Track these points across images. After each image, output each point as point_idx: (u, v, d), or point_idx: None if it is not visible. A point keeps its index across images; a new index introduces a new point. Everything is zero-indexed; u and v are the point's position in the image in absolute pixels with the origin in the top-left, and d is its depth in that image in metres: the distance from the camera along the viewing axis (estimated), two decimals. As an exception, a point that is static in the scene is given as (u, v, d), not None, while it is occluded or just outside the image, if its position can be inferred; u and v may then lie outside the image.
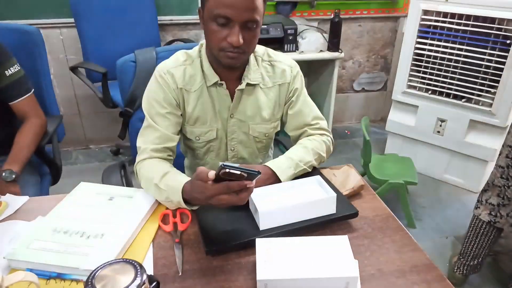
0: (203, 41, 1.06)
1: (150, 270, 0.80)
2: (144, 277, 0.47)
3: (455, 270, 1.75)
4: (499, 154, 1.55)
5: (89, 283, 0.45)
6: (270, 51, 1.12)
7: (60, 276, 0.77)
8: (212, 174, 0.76)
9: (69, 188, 1.02)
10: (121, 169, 1.37)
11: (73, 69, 2.17)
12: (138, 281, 0.46)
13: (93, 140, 2.84)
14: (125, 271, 0.47)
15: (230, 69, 1.01)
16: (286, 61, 1.12)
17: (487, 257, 1.72)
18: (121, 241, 0.83)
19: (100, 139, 2.84)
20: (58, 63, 2.53)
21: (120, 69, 1.37)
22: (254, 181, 0.78)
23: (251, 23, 0.90)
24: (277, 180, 0.98)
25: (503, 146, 1.52)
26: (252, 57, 1.07)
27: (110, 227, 0.87)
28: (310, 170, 1.06)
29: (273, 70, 1.10)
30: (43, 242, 0.83)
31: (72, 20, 2.28)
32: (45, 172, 1.57)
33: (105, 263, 0.49)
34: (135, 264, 0.48)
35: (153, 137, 1.02)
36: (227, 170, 0.72)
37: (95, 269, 0.48)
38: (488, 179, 1.61)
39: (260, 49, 1.10)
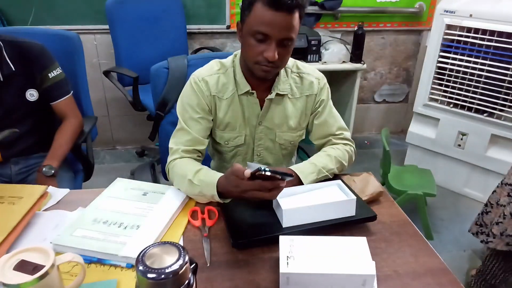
0: (237, 52, 1.13)
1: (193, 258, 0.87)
2: (187, 258, 0.53)
3: (472, 285, 1.75)
4: None
5: (140, 259, 0.52)
6: (299, 63, 1.19)
7: (100, 261, 0.85)
8: (248, 173, 0.83)
9: (98, 185, 1.11)
10: (151, 168, 1.46)
11: (106, 73, 2.29)
12: (181, 261, 0.52)
13: (120, 141, 2.96)
14: (171, 251, 0.53)
15: (262, 80, 1.08)
16: (314, 73, 1.18)
17: (509, 278, 1.71)
18: (155, 232, 0.90)
19: (126, 141, 2.95)
20: (90, 67, 2.65)
21: (153, 75, 1.46)
22: (285, 182, 0.84)
23: (287, 40, 0.97)
24: (299, 183, 1.04)
25: None
26: (282, 69, 1.14)
27: (145, 220, 0.94)
28: (331, 177, 1.12)
29: (301, 81, 1.17)
30: (85, 231, 0.90)
31: (106, 26, 2.40)
32: (78, 169, 1.67)
33: (153, 244, 0.55)
34: (179, 246, 0.54)
35: (184, 139, 1.10)
36: (264, 173, 0.79)
37: (145, 248, 0.55)
38: (492, 201, 1.58)
39: (289, 61, 1.16)
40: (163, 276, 0.51)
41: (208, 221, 0.98)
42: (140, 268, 0.51)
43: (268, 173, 0.79)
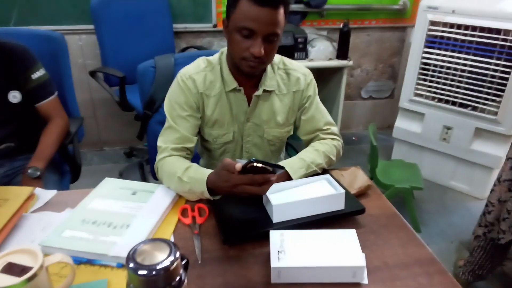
0: (223, 49, 1.14)
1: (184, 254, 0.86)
2: (178, 254, 0.53)
3: (461, 276, 1.78)
4: None
5: (131, 257, 0.52)
6: (286, 59, 1.20)
7: (90, 262, 0.84)
8: (238, 166, 0.83)
9: (86, 186, 1.09)
10: (139, 168, 1.46)
11: (92, 74, 2.26)
12: (172, 257, 0.52)
13: (107, 142, 2.94)
14: (161, 248, 0.53)
15: (248, 76, 1.09)
16: (301, 69, 1.19)
17: (496, 268, 1.75)
18: (145, 231, 0.90)
19: (114, 141, 2.93)
20: (76, 68, 2.63)
21: (140, 74, 1.45)
22: (276, 175, 0.85)
23: (273, 36, 0.98)
24: (288, 178, 1.05)
25: None
26: (269, 65, 1.14)
27: (135, 219, 0.94)
28: (320, 171, 1.13)
29: (288, 78, 1.17)
30: (73, 231, 0.90)
31: (91, 26, 2.38)
32: (65, 171, 1.65)
33: (144, 241, 0.55)
34: (170, 243, 0.54)
35: (173, 137, 1.10)
36: (255, 164, 0.79)
37: (135, 245, 0.54)
38: (492, 200, 1.59)
39: (276, 57, 1.17)
40: (154, 272, 0.51)
41: (199, 219, 0.98)
42: (131, 265, 0.51)
43: (259, 165, 0.80)
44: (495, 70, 2.17)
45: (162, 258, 0.52)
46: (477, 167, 2.43)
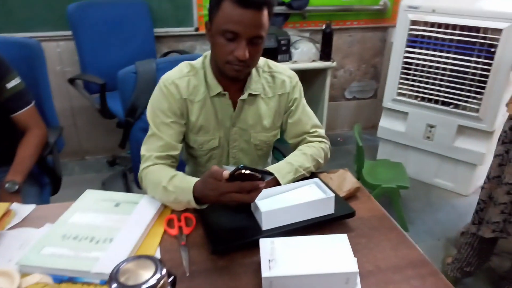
0: (206, 53, 1.11)
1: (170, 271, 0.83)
2: (164, 271, 0.50)
3: (449, 273, 1.79)
4: (500, 172, 1.53)
5: (113, 277, 0.49)
6: (271, 62, 1.18)
7: (71, 280, 0.80)
8: (226, 173, 0.80)
9: (68, 198, 1.05)
10: (122, 178, 1.42)
11: (71, 81, 2.20)
12: (158, 275, 0.49)
13: (89, 151, 2.86)
14: (146, 265, 0.50)
15: (233, 80, 1.06)
16: (286, 72, 1.18)
17: (483, 264, 1.77)
18: (129, 244, 0.86)
19: (96, 150, 2.85)
20: (55, 75, 2.55)
21: (121, 80, 1.41)
22: (264, 182, 0.82)
23: (257, 38, 0.96)
24: (277, 184, 1.03)
25: (509, 162, 1.47)
26: (253, 68, 1.12)
27: (118, 232, 0.90)
28: (308, 175, 1.11)
29: (273, 80, 1.15)
30: (53, 248, 0.85)
31: (69, 32, 2.32)
32: (45, 183, 1.59)
33: (127, 259, 0.52)
34: (155, 259, 0.51)
35: (157, 145, 1.06)
36: (243, 171, 0.76)
37: (118, 264, 0.51)
38: (483, 197, 1.62)
39: (261, 61, 1.15)
40: (139, 292, 0.48)
41: (185, 229, 0.95)
42: (114, 286, 0.48)
43: (247, 172, 0.77)
44: (476, 68, 2.20)
45: (147, 276, 0.49)
46: (460, 164, 2.46)
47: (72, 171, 2.71)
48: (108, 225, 0.93)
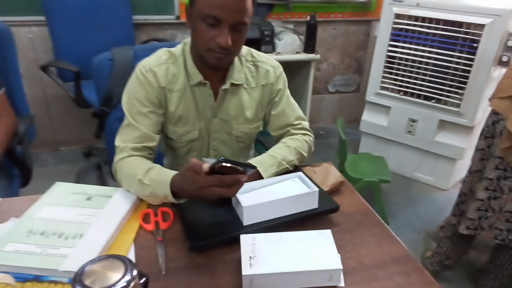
0: (186, 40, 1.05)
1: (142, 271, 0.78)
2: (134, 272, 0.46)
3: (429, 266, 1.80)
4: (482, 166, 1.54)
5: (77, 279, 0.44)
6: (254, 51, 1.13)
7: (37, 278, 0.74)
8: (206, 167, 0.75)
9: (40, 191, 0.98)
10: (97, 170, 1.35)
11: (44, 68, 2.09)
12: (128, 276, 0.45)
13: (63, 142, 2.75)
14: (115, 267, 0.45)
15: (215, 69, 1.01)
16: (270, 61, 1.13)
17: (462, 258, 1.78)
18: (101, 241, 0.81)
19: (71, 141, 2.75)
20: (27, 62, 2.44)
21: (96, 67, 1.34)
22: (246, 175, 0.78)
23: (240, 25, 0.91)
24: (259, 177, 0.99)
25: (491, 157, 1.48)
26: (236, 57, 1.07)
27: (89, 227, 0.84)
28: (292, 168, 1.07)
29: (256, 70, 1.11)
30: (18, 244, 0.79)
31: (42, 18, 2.20)
32: (14, 175, 1.51)
33: (94, 259, 0.47)
34: (125, 259, 0.47)
35: (132, 136, 1.01)
36: (224, 164, 0.72)
37: (83, 265, 0.46)
38: (464, 190, 1.62)
39: (244, 49, 1.10)
40: (106, 296, 0.43)
41: (162, 224, 0.90)
42: (78, 289, 0.43)
43: (229, 165, 0.73)
44: (458, 63, 2.21)
45: (116, 278, 0.44)
46: (441, 159, 2.48)
47: (45, 162, 2.60)
48: (78, 220, 0.87)
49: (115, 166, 1.00)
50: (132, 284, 0.45)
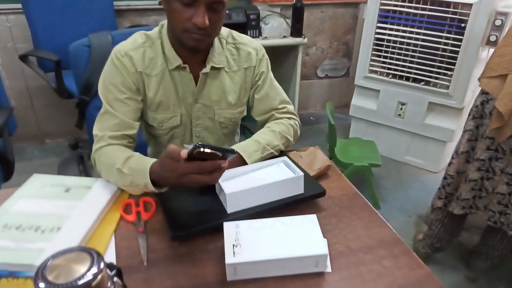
0: (163, 22, 1.01)
1: (113, 262, 0.76)
2: (102, 264, 0.43)
3: (420, 249, 1.81)
4: (469, 147, 1.53)
5: (40, 274, 0.41)
6: (235, 33, 1.09)
7: (13, 274, 0.71)
8: (184, 153, 0.72)
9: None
10: (79, 161, 1.31)
11: (23, 58, 2.03)
12: (94, 269, 0.42)
13: (49, 134, 2.69)
14: (80, 259, 0.43)
15: (193, 52, 0.97)
16: (251, 43, 1.09)
17: (453, 240, 1.79)
18: (79, 233, 0.78)
19: (56, 133, 2.69)
20: (6, 52, 2.36)
21: (73, 54, 1.29)
22: (227, 161, 0.75)
23: (217, 4, 0.87)
24: (243, 163, 0.96)
25: (481, 138, 1.47)
26: (216, 39, 1.03)
27: (67, 220, 0.81)
28: (277, 154, 1.05)
29: (238, 53, 1.07)
30: (-9, 240, 0.76)
31: (19, 5, 2.12)
32: (-5, 168, 1.47)
33: (57, 252, 0.44)
34: (91, 251, 0.44)
35: (111, 124, 0.97)
36: (202, 150, 0.68)
37: (46, 259, 0.43)
38: (451, 172, 1.61)
39: (224, 31, 1.06)
40: (72, 291, 0.40)
41: (144, 214, 0.87)
42: (41, 285, 0.40)
43: (207, 150, 0.69)
44: (446, 44, 2.19)
45: (81, 271, 0.42)
46: (430, 141, 2.48)
47: (31, 155, 2.54)
48: (56, 213, 0.83)
49: (93, 156, 0.97)
50: (99, 277, 0.42)
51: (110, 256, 0.77)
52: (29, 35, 2.20)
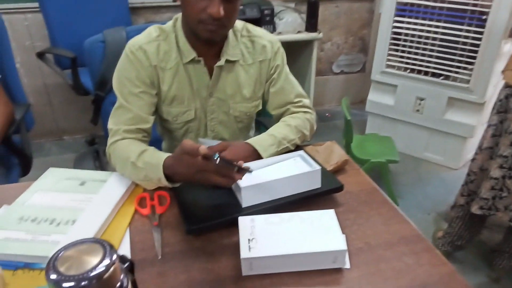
0: (178, 15, 1.00)
1: (127, 255, 0.74)
2: (114, 256, 0.42)
3: (440, 247, 1.76)
4: (494, 143, 1.48)
5: (51, 266, 0.40)
6: (249, 26, 1.07)
7: (28, 266, 0.71)
8: (203, 149, 0.71)
9: (41, 180, 0.95)
10: (95, 157, 1.32)
11: (40, 56, 2.05)
12: (107, 261, 0.41)
13: (66, 131, 2.73)
14: (93, 251, 0.42)
15: (208, 44, 0.96)
16: (266, 36, 1.07)
17: (474, 238, 1.73)
18: (94, 226, 0.77)
19: (74, 129, 2.73)
20: (24, 51, 2.40)
21: (88, 50, 1.30)
22: (241, 175, 0.76)
23: None
24: (258, 157, 0.94)
25: (505, 133, 1.41)
26: (231, 32, 1.02)
27: (82, 213, 0.81)
28: (293, 148, 1.03)
29: (253, 46, 1.05)
30: (9, 232, 0.76)
31: (36, 4, 2.15)
32: (14, 164, 1.48)
33: (69, 244, 0.43)
34: (104, 243, 0.43)
35: (125, 118, 0.96)
36: (219, 161, 0.69)
37: (57, 250, 0.42)
38: (474, 169, 1.56)
39: (238, 24, 1.05)
40: (84, 283, 0.39)
41: (159, 208, 0.86)
42: (52, 276, 0.39)
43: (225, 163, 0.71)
44: (467, 37, 2.12)
45: (94, 263, 0.41)
46: (450, 137, 2.41)
47: (49, 151, 2.58)
48: (71, 206, 0.84)
49: (108, 150, 0.96)
50: (111, 269, 0.41)
51: (125, 250, 0.76)
52: (46, 33, 2.22)
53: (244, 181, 0.82)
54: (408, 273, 0.71)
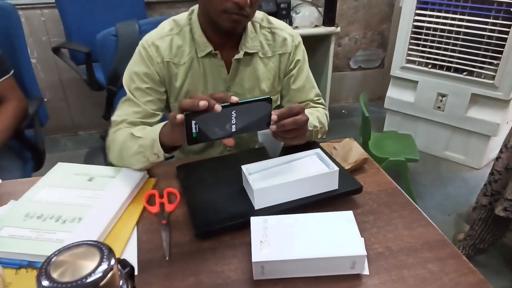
0: (194, 7, 0.97)
1: (134, 255, 0.72)
2: (113, 261, 0.38)
3: (461, 250, 1.68)
4: None
5: (43, 270, 0.37)
6: (270, 17, 1.03)
7: (31, 265, 0.69)
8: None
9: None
10: (105, 152, 1.29)
11: (56, 51, 2.05)
12: (104, 266, 0.37)
13: (81, 126, 2.74)
14: (89, 255, 0.38)
15: (227, 36, 0.92)
16: (288, 29, 1.03)
17: (497, 241, 1.65)
18: (100, 224, 0.75)
19: (89, 125, 2.73)
20: (41, 46, 2.41)
21: (100, 44, 1.28)
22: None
23: None
24: None
25: None
26: (249, 23, 0.97)
27: (89, 210, 0.78)
28: (313, 137, 0.98)
29: (273, 38, 1.01)
30: (14, 229, 0.74)
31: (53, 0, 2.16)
32: (27, 158, 1.48)
33: (63, 247, 0.40)
34: (101, 246, 0.39)
35: (131, 111, 0.93)
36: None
37: (50, 255, 0.39)
38: (498, 168, 1.48)
39: (259, 14, 1.00)
40: (78, 291, 0.36)
41: (168, 206, 0.83)
42: (44, 283, 0.36)
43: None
44: (492, 31, 2.02)
45: (90, 268, 0.37)
46: (473, 136, 2.32)
47: (64, 147, 2.60)
48: (78, 202, 0.81)
49: (108, 143, 0.93)
50: (109, 275, 0.37)
51: (132, 249, 0.73)
52: (62, 28, 2.23)
53: (257, 182, 0.77)
54: (433, 282, 0.66)
